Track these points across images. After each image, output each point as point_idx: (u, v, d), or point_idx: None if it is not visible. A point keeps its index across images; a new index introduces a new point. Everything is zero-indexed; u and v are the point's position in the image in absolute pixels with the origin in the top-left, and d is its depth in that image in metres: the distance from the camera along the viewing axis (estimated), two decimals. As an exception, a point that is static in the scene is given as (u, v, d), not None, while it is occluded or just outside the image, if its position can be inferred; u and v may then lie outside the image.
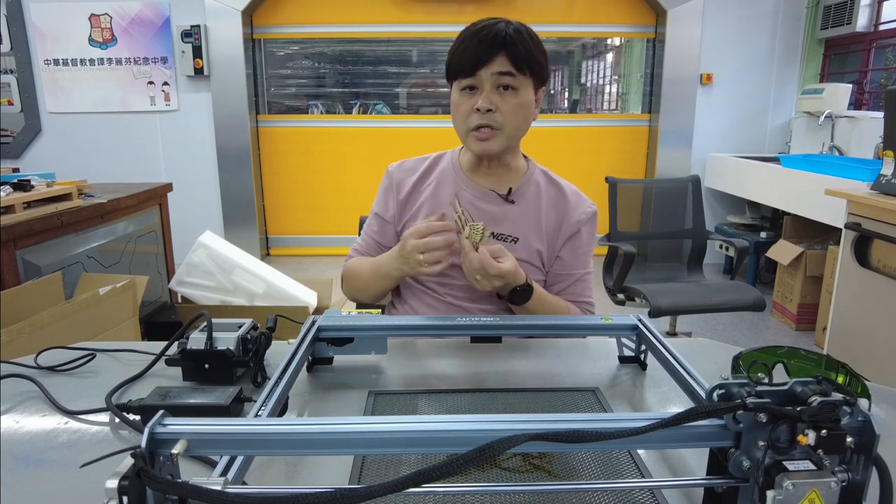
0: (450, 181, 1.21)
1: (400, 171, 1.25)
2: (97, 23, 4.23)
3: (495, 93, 1.08)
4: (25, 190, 2.00)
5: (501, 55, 1.06)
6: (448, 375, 0.92)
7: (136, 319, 2.03)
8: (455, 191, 1.19)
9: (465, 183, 1.20)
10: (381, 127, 4.50)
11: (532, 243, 1.18)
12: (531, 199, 1.20)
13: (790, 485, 0.47)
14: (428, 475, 0.41)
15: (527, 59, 1.07)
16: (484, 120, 1.08)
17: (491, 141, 1.11)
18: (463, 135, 1.14)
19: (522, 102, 1.10)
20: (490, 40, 1.05)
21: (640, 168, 4.66)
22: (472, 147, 1.14)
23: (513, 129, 1.11)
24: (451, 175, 1.21)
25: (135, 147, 4.42)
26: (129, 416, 0.75)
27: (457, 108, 1.12)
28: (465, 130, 1.12)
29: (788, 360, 0.77)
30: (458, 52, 1.09)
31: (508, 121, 1.09)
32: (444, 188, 1.20)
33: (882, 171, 2.27)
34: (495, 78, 1.07)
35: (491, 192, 1.18)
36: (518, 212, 1.18)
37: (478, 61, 1.06)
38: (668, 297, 2.41)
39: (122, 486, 0.43)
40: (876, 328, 2.25)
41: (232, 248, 2.70)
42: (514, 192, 1.19)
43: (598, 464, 0.66)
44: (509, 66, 1.06)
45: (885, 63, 4.02)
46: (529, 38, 1.08)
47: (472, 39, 1.07)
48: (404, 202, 1.22)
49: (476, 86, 1.09)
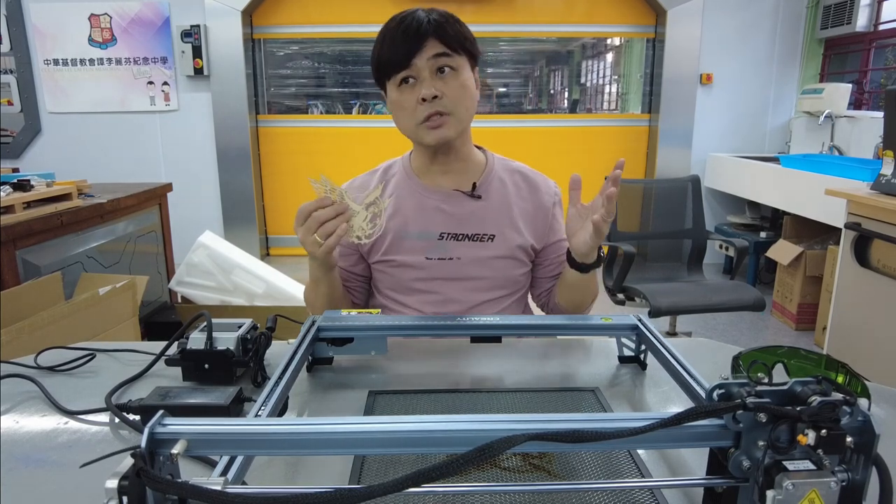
0: (407, 191, 1.15)
1: (352, 190, 1.17)
2: (97, 23, 4.23)
3: (436, 78, 1.03)
4: (25, 190, 2.00)
5: (432, 39, 1.02)
6: (448, 375, 0.92)
7: (136, 319, 2.03)
8: (416, 200, 1.13)
9: (424, 189, 1.14)
10: (380, 127, 4.50)
11: (509, 238, 1.14)
12: (498, 192, 1.15)
13: (790, 485, 0.47)
14: (428, 475, 0.41)
15: (458, 38, 1.04)
16: (433, 108, 1.03)
17: (445, 128, 1.05)
18: (412, 131, 1.07)
19: (465, 81, 1.05)
20: (416, 28, 1.01)
21: (640, 168, 4.67)
22: (425, 139, 1.06)
23: (463, 110, 1.06)
24: (406, 184, 1.16)
25: (135, 147, 4.42)
26: (128, 416, 0.75)
27: (399, 106, 1.06)
28: (413, 126, 1.06)
29: (788, 360, 0.77)
30: (384, 48, 1.04)
31: (457, 104, 1.04)
32: (405, 200, 1.14)
33: (882, 170, 2.27)
34: (432, 62, 1.02)
35: (455, 192, 1.13)
36: (487, 207, 1.13)
37: (409, 50, 1.01)
38: (667, 297, 2.41)
39: (122, 486, 0.43)
40: (876, 328, 2.25)
41: (232, 248, 2.70)
42: (478, 187, 1.14)
43: (598, 464, 0.66)
44: (443, 48, 1.02)
45: (884, 63, 4.02)
46: (454, 20, 1.05)
47: (396, 32, 1.03)
48: None
49: (413, 76, 1.03)
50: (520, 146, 4.47)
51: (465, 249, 1.12)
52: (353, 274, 1.20)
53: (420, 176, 1.16)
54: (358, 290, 1.22)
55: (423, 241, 1.12)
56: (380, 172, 1.20)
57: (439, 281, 1.13)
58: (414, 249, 1.13)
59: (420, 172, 1.16)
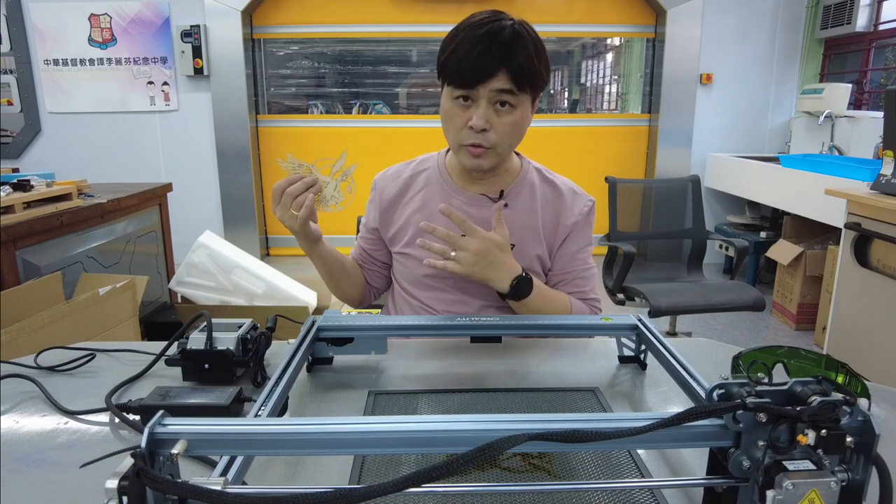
0: (437, 188, 1.16)
1: (383, 179, 1.21)
2: (97, 23, 4.23)
3: (491, 109, 1.00)
4: (25, 190, 2.00)
5: (502, 71, 0.97)
6: (448, 375, 0.92)
7: (136, 319, 2.03)
8: (444, 199, 1.13)
9: (453, 189, 1.15)
10: (380, 127, 4.50)
11: (530, 249, 1.14)
12: (526, 201, 1.15)
13: (790, 484, 0.47)
14: (428, 475, 0.41)
15: (528, 75, 0.99)
16: (477, 139, 1.02)
17: (483, 158, 1.05)
18: (454, 147, 1.08)
19: (519, 119, 1.03)
20: (494, 52, 0.96)
21: (640, 168, 4.66)
22: (463, 162, 1.08)
23: (506, 147, 1.05)
24: (437, 181, 1.17)
25: (134, 147, 4.42)
26: (128, 416, 0.75)
27: (449, 117, 1.04)
28: (456, 143, 1.06)
29: (788, 360, 0.77)
30: (454, 55, 0.99)
31: (503, 140, 1.03)
32: (433, 196, 1.15)
33: (882, 170, 2.27)
34: (493, 94, 0.99)
35: (482, 197, 1.14)
36: (513, 216, 1.13)
37: (475, 75, 0.97)
38: (667, 297, 2.41)
39: (121, 486, 0.43)
40: (876, 328, 2.25)
41: (232, 248, 2.70)
42: (506, 194, 1.14)
43: (598, 464, 0.66)
44: (509, 84, 0.98)
45: (884, 63, 4.02)
46: (533, 48, 0.99)
47: (470, 43, 0.97)
48: (386, 209, 1.19)
49: (471, 97, 1.01)
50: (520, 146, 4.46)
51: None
52: (373, 258, 1.23)
53: (452, 175, 1.17)
54: (376, 273, 1.26)
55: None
56: (414, 164, 1.22)
57: (453, 281, 1.13)
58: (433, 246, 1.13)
59: (453, 173, 1.17)
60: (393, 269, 1.24)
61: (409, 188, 1.19)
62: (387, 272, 1.27)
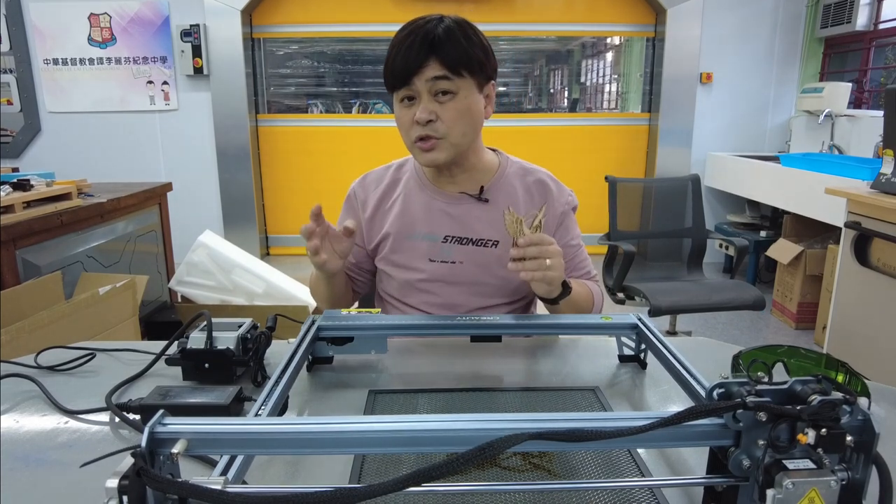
0: (416, 192, 1.16)
1: (362, 187, 1.20)
2: (96, 22, 4.23)
3: (433, 101, 1.01)
4: (25, 190, 2.00)
5: (433, 59, 0.99)
6: (448, 375, 0.92)
7: (136, 319, 2.03)
8: (424, 202, 1.14)
9: (433, 191, 1.14)
10: (380, 126, 4.49)
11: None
12: (507, 197, 1.14)
13: (790, 483, 0.47)
14: (428, 474, 0.42)
15: (462, 60, 1.00)
16: (424, 131, 1.02)
17: (435, 151, 1.04)
18: (409, 148, 1.08)
19: (464, 107, 1.02)
20: (418, 44, 0.98)
21: (640, 167, 4.66)
22: (418, 159, 1.08)
23: (458, 136, 1.04)
24: (416, 185, 1.16)
25: (134, 146, 4.42)
26: (129, 415, 0.75)
27: (400, 122, 1.06)
28: (409, 143, 1.06)
29: (788, 359, 0.77)
30: (390, 61, 1.02)
31: (452, 129, 1.02)
32: (413, 201, 1.15)
33: (882, 169, 2.27)
34: (430, 84, 1.00)
35: (461, 195, 1.13)
36: (494, 212, 1.12)
37: (409, 70, 0.99)
38: (667, 297, 2.41)
39: (122, 485, 0.44)
40: (876, 327, 2.25)
41: (232, 248, 2.70)
42: (486, 191, 1.13)
43: (598, 463, 0.66)
44: (443, 70, 0.99)
45: (884, 62, 4.02)
46: (463, 36, 1.01)
47: (401, 45, 1.00)
48: (371, 218, 1.17)
49: (413, 95, 1.02)
50: (520, 146, 4.46)
51: (468, 254, 1.12)
52: (361, 269, 1.23)
53: (429, 178, 1.16)
54: (365, 283, 1.25)
55: (427, 242, 1.13)
56: (393, 168, 1.21)
57: (440, 284, 1.13)
58: (417, 251, 1.13)
59: (430, 175, 1.17)
60: (378, 279, 1.23)
61: (390, 193, 1.18)
62: (374, 278, 1.26)
